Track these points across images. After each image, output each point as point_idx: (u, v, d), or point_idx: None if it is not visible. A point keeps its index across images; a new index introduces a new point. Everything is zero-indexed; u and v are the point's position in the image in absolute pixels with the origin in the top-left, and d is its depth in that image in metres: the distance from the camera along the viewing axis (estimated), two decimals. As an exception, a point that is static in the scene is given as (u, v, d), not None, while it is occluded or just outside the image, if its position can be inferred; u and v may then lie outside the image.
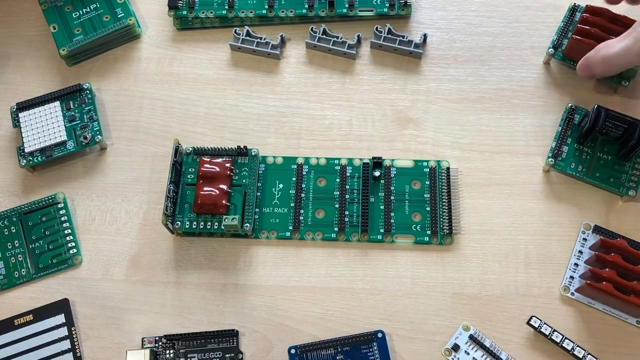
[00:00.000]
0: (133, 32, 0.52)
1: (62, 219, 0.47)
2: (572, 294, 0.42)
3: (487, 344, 0.41)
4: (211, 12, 0.51)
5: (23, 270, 0.46)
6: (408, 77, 0.49)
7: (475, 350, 0.41)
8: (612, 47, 0.43)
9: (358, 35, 0.50)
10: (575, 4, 0.48)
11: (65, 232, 0.46)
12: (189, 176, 0.47)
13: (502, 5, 0.51)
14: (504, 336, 0.42)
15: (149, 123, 0.50)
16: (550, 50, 0.47)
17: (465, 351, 0.41)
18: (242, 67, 0.51)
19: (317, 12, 0.51)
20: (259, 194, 0.46)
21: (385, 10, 0.50)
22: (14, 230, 0.47)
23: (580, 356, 0.40)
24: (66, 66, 0.52)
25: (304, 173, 0.47)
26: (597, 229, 0.44)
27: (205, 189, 0.45)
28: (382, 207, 0.45)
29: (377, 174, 0.46)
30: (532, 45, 0.49)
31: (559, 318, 0.42)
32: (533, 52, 0.49)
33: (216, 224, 0.45)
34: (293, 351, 0.42)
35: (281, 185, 0.47)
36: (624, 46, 0.42)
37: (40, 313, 0.44)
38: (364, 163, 0.46)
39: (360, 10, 0.50)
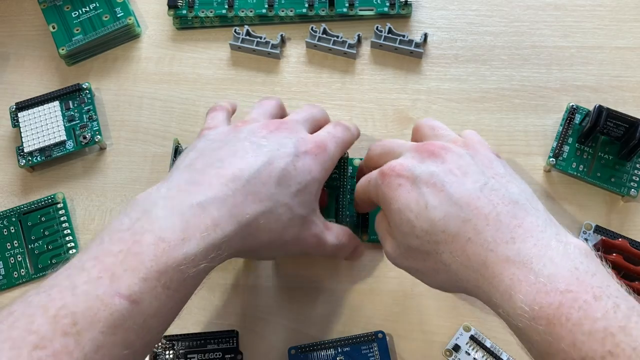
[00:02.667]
0: (132, 32, 0.52)
1: (62, 219, 0.47)
2: (573, 294, 0.42)
3: (487, 344, 0.41)
4: (211, 12, 0.51)
5: (22, 270, 0.46)
6: (409, 77, 0.49)
7: (476, 351, 0.41)
8: (378, 226, 0.39)
9: (358, 35, 0.50)
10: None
11: (65, 232, 0.46)
12: (188, 176, 0.46)
13: (502, 4, 0.51)
14: (505, 337, 0.41)
15: (149, 123, 0.50)
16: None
17: (466, 352, 0.41)
18: (242, 66, 0.51)
19: (317, 11, 0.50)
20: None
21: (386, 9, 0.50)
22: (13, 230, 0.46)
23: (582, 357, 0.40)
24: (65, 66, 0.52)
25: (304, 173, 0.46)
26: (598, 229, 0.43)
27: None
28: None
29: (377, 173, 0.45)
30: (534, 45, 0.49)
31: (560, 318, 0.41)
32: (533, 50, 0.49)
33: (216, 224, 0.44)
34: (293, 352, 0.42)
35: (281, 185, 0.46)
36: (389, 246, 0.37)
37: (40, 313, 0.44)
38: (364, 163, 0.46)
39: (360, 10, 0.50)
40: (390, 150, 0.38)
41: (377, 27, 0.50)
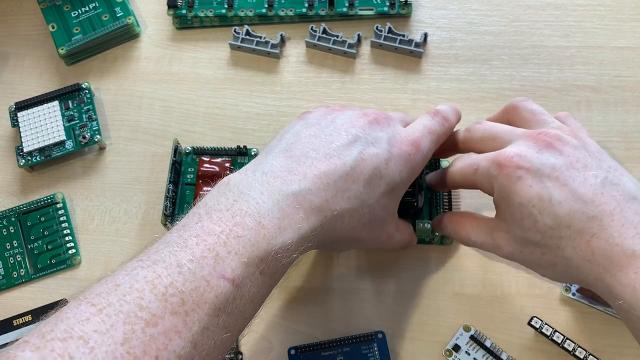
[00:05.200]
0: (132, 31, 0.52)
1: (61, 219, 0.47)
2: (573, 294, 0.42)
3: (487, 344, 0.41)
4: (210, 11, 0.51)
5: (22, 270, 0.45)
6: (408, 77, 0.49)
7: (476, 351, 0.41)
8: (474, 235, 0.38)
9: (358, 35, 0.50)
10: None
11: (64, 232, 0.46)
12: (188, 176, 0.46)
13: (503, 4, 0.51)
14: (505, 337, 0.41)
15: (148, 122, 0.50)
16: None
17: (466, 352, 0.41)
18: (242, 66, 0.51)
19: (317, 11, 0.50)
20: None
21: (386, 9, 0.50)
22: (12, 230, 0.46)
23: (582, 357, 0.40)
24: (65, 65, 0.52)
25: (304, 173, 0.46)
26: None
27: (205, 189, 0.45)
28: (382, 207, 0.45)
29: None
30: (534, 44, 0.49)
31: (560, 318, 0.41)
32: (534, 50, 0.49)
33: (216, 224, 0.44)
34: (293, 352, 0.42)
35: (281, 185, 0.46)
36: (483, 242, 0.37)
37: (39, 314, 0.44)
38: (364, 163, 0.46)
39: (360, 9, 0.50)
40: (495, 135, 0.37)
41: (377, 26, 0.49)
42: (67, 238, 0.46)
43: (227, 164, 0.46)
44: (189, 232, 0.30)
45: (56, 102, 0.49)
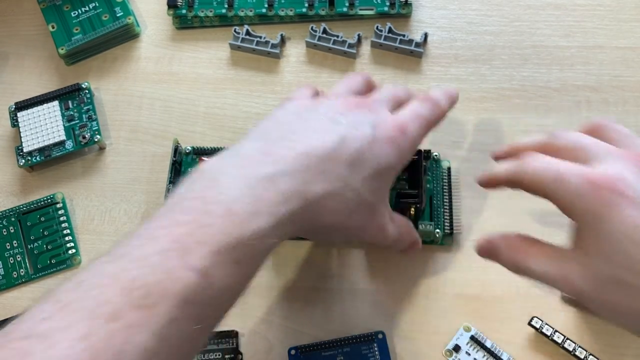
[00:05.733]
0: (132, 31, 0.52)
1: (61, 219, 0.47)
2: (574, 294, 0.42)
3: (488, 344, 0.41)
4: (210, 11, 0.51)
5: (22, 270, 0.45)
6: (409, 77, 0.49)
7: (477, 351, 0.41)
8: (536, 263, 0.31)
9: (358, 35, 0.50)
10: None
11: (64, 232, 0.46)
12: (188, 176, 0.46)
13: (503, 4, 0.51)
14: (505, 337, 0.41)
15: (148, 122, 0.50)
16: None
17: (466, 352, 0.41)
18: (242, 66, 0.51)
19: (317, 11, 0.50)
20: (258, 193, 0.46)
21: (386, 9, 0.50)
22: (12, 231, 0.46)
23: (582, 357, 0.40)
24: (65, 65, 0.52)
25: (304, 173, 0.46)
26: None
27: (205, 188, 0.45)
28: (382, 207, 0.45)
29: (377, 173, 0.45)
30: (534, 44, 0.49)
31: (561, 319, 0.41)
32: (534, 50, 0.49)
33: (216, 224, 0.44)
34: (293, 352, 0.42)
35: (281, 185, 0.46)
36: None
37: (39, 314, 0.44)
38: (364, 163, 0.46)
39: (360, 9, 0.50)
40: (583, 147, 0.31)
41: (377, 26, 0.49)
42: (67, 238, 0.46)
43: (227, 164, 0.46)
44: (157, 223, 0.30)
45: (56, 102, 0.49)
